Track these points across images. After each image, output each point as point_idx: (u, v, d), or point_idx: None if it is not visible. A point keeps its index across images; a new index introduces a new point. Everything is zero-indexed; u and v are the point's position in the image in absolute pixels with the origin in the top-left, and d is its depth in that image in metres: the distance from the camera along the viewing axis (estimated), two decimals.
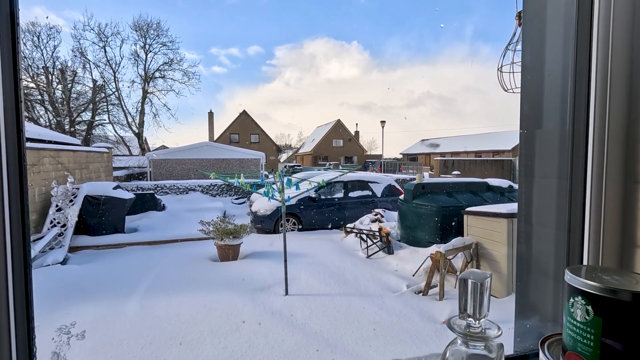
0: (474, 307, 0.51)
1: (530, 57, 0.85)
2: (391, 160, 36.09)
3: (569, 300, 0.54)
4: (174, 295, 4.79)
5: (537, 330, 0.79)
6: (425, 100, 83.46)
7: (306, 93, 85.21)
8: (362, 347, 3.65)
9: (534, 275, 0.83)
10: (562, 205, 0.74)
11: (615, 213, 0.65)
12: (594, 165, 0.67)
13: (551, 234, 0.77)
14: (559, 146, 0.75)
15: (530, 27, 0.85)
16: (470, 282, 0.51)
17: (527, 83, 0.87)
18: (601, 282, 0.51)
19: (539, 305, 0.81)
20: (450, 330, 0.51)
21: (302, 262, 6.25)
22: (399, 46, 74.24)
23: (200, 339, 3.70)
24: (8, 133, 0.46)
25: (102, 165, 12.13)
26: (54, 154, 8.82)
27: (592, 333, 0.51)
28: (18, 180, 0.47)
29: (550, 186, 0.78)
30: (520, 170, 0.87)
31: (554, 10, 0.77)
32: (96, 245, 7.56)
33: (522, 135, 0.87)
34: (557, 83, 0.76)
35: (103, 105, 26.11)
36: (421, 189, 7.20)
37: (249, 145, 36.40)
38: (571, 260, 0.72)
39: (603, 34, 0.64)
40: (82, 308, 4.40)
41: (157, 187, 13.50)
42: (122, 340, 3.66)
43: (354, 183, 10.32)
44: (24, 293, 0.46)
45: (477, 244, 5.35)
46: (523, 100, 0.88)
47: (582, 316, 0.52)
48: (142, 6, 42.19)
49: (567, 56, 0.72)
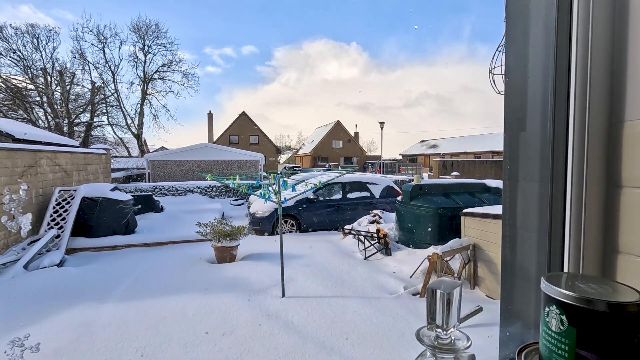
0: (442, 317, 0.49)
1: (513, 59, 0.84)
2: (390, 161, 36.08)
3: (544, 309, 0.52)
4: (171, 297, 4.77)
5: (520, 337, 0.77)
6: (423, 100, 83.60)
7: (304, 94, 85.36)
8: (359, 349, 3.63)
9: (518, 280, 0.82)
10: (544, 210, 0.72)
11: (596, 218, 0.64)
12: (574, 169, 0.65)
13: (534, 239, 0.76)
14: (540, 149, 0.74)
15: (513, 29, 0.83)
16: (439, 292, 0.49)
17: (510, 85, 0.85)
18: (576, 291, 0.49)
19: (522, 312, 0.79)
20: (419, 342, 0.49)
21: (299, 263, 6.23)
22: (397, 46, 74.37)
23: (195, 341, 3.68)
24: None
25: (100, 166, 12.11)
26: (52, 155, 8.80)
27: (567, 344, 0.49)
28: None
29: (533, 190, 0.77)
30: (505, 173, 0.86)
31: (536, 12, 0.76)
32: (93, 247, 7.54)
33: (505, 138, 0.86)
34: (539, 85, 0.74)
35: (102, 107, 26.12)
36: (419, 190, 7.18)
37: (249, 147, 36.41)
38: (552, 266, 0.70)
39: (582, 35, 0.63)
40: (78, 310, 4.38)
41: (155, 188, 13.48)
42: (117, 342, 3.64)
43: (352, 184, 10.31)
44: None
45: (474, 245, 5.34)
46: (507, 102, 0.86)
47: (557, 326, 0.50)
48: (131, 5, 42.26)
49: (548, 58, 0.71)
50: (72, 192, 8.18)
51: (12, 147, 7.40)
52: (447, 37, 70.13)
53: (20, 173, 7.40)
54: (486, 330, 3.69)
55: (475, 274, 5.32)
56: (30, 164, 7.81)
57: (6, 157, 6.99)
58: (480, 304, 4.47)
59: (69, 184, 9.51)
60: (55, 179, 8.87)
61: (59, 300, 4.70)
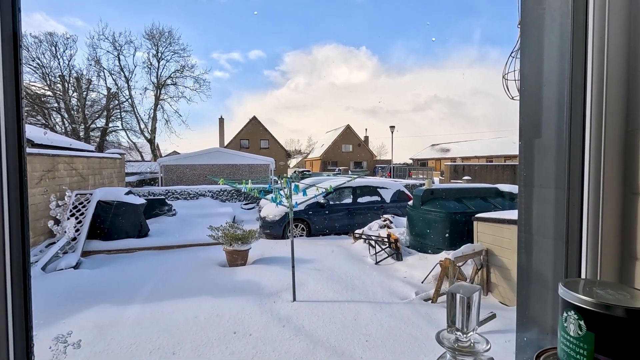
0: (462, 321, 0.51)
1: (528, 66, 0.85)
2: (401, 166, 35.88)
3: (562, 315, 0.53)
4: (183, 300, 4.83)
5: (536, 343, 0.77)
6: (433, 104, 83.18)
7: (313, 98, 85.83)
8: (370, 354, 3.61)
9: (534, 286, 0.82)
10: (561, 216, 0.73)
11: (613, 225, 0.64)
12: (591, 176, 0.66)
13: (550, 245, 0.76)
14: (556, 156, 0.75)
15: (527, 37, 0.84)
16: (459, 297, 0.51)
17: (525, 92, 0.86)
18: (594, 296, 0.50)
19: (538, 318, 0.79)
20: (439, 345, 0.51)
21: (310, 267, 6.24)
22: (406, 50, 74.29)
23: (207, 344, 3.71)
24: (9, 148, 0.48)
25: (114, 171, 12.36)
26: (69, 160, 9.03)
27: (585, 348, 0.50)
28: (18, 194, 0.49)
29: (549, 196, 0.77)
30: (520, 179, 0.86)
31: (551, 21, 0.77)
32: (108, 250, 7.68)
33: (521, 144, 0.87)
34: (554, 92, 0.75)
35: (116, 112, 26.70)
36: (430, 195, 7.14)
37: (259, 151, 36.68)
38: (569, 272, 0.71)
39: (598, 44, 0.63)
40: (93, 312, 4.47)
41: (168, 192, 13.67)
42: (131, 344, 3.70)
43: (363, 189, 10.29)
44: (23, 303, 0.47)
45: (487, 250, 5.27)
46: (522, 109, 0.87)
47: (575, 331, 0.51)
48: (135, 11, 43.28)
49: (564, 66, 0.72)
50: (88, 195, 8.37)
51: (32, 151, 7.62)
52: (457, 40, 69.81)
53: (39, 177, 7.62)
54: (500, 336, 3.63)
55: (489, 280, 5.25)
56: (49, 168, 8.03)
57: (26, 161, 7.20)
58: (493, 310, 4.40)
59: (85, 187, 9.74)
60: (72, 183, 9.10)
61: (75, 302, 4.81)
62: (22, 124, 0.49)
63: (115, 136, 27.14)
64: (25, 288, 0.48)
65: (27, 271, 0.50)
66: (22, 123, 0.49)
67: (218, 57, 62.75)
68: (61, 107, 23.99)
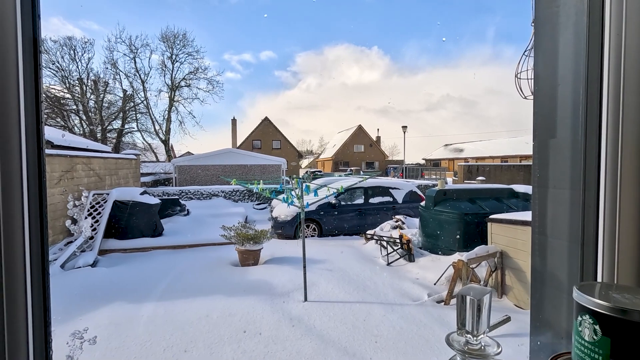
0: (472, 323, 0.50)
1: (542, 65, 0.83)
2: (413, 166, 35.56)
3: (577, 319, 0.52)
4: (196, 298, 4.90)
5: (550, 347, 0.76)
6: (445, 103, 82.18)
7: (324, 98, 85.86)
8: (381, 355, 3.59)
9: (549, 289, 0.80)
10: (576, 218, 0.71)
11: (631, 227, 0.63)
12: (607, 177, 0.64)
13: (565, 247, 0.74)
14: (571, 156, 0.73)
15: (541, 36, 0.83)
16: (469, 299, 0.50)
17: (539, 92, 0.85)
18: (610, 300, 0.49)
19: (553, 321, 0.78)
20: (449, 347, 0.50)
21: (321, 268, 6.25)
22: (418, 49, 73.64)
23: (220, 343, 3.76)
24: (29, 150, 0.50)
25: (130, 171, 12.62)
26: (86, 160, 9.26)
27: (600, 354, 0.49)
28: (38, 194, 0.51)
29: (564, 197, 0.76)
30: (534, 180, 0.85)
31: (565, 18, 0.75)
32: (124, 249, 7.84)
33: (535, 144, 0.85)
34: (569, 92, 0.74)
35: (132, 114, 27.27)
36: (443, 196, 7.05)
37: (271, 151, 36.89)
38: (585, 275, 0.69)
39: (615, 42, 0.62)
40: (109, 309, 4.57)
41: (181, 192, 13.88)
42: (145, 341, 3.77)
43: (375, 189, 10.24)
44: (42, 299, 0.49)
45: (501, 252, 5.18)
46: (536, 109, 0.86)
47: (590, 336, 0.50)
48: (149, 15, 44.13)
49: (579, 65, 0.70)
50: (105, 195, 8.57)
51: (51, 152, 7.85)
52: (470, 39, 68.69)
53: (58, 177, 7.84)
54: (514, 340, 3.57)
55: (503, 282, 5.15)
56: (67, 168, 8.25)
57: (46, 162, 7.42)
58: (508, 313, 4.31)
59: (102, 187, 9.97)
60: (90, 183, 9.33)
61: (92, 299, 4.93)
62: (41, 127, 0.51)
63: (130, 137, 27.74)
64: (44, 285, 0.50)
65: (46, 269, 0.51)
66: (42, 125, 0.51)
67: (229, 59, 63.44)
68: (79, 109, 24.65)
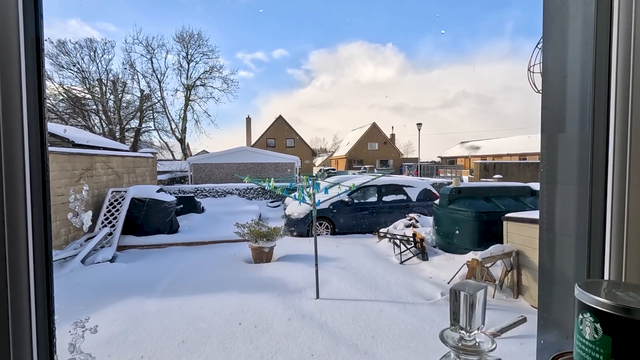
0: (466, 319, 0.49)
1: (551, 56, 0.81)
2: (428, 164, 35.12)
3: (578, 317, 0.51)
4: (210, 294, 4.98)
5: (556, 347, 0.74)
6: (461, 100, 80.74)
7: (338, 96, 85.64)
8: (394, 354, 3.58)
9: (556, 287, 0.78)
10: (583, 214, 0.69)
11: (639, 224, 0.60)
12: (615, 171, 0.62)
13: (572, 244, 0.72)
14: (579, 151, 0.71)
15: (550, 25, 0.80)
16: (463, 294, 0.49)
17: (548, 84, 0.82)
18: (612, 298, 0.47)
19: (559, 321, 0.76)
20: (443, 343, 0.49)
21: (334, 266, 6.25)
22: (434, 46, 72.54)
23: (232, 338, 3.81)
24: (32, 147, 0.52)
25: (147, 169, 12.90)
26: (105, 159, 9.52)
27: (601, 353, 0.47)
28: (41, 189, 0.53)
29: (571, 193, 0.73)
30: (542, 175, 0.83)
31: (575, 8, 0.72)
32: (141, 245, 8.03)
33: (543, 139, 0.83)
34: (577, 84, 0.71)
35: (149, 113, 27.85)
36: (457, 194, 6.94)
37: (285, 150, 37.07)
38: (592, 273, 0.67)
39: (624, 29, 0.59)
40: (126, 303, 4.70)
41: (197, 190, 14.11)
42: (160, 336, 3.86)
43: (388, 187, 10.17)
44: (45, 289, 0.51)
45: (517, 252, 5.07)
46: (544, 102, 0.83)
47: (591, 334, 0.48)
48: (162, 15, 44.90)
49: (587, 55, 0.67)
50: (123, 193, 8.79)
51: (72, 151, 8.11)
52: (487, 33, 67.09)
53: (79, 175, 8.09)
54: (530, 341, 3.49)
55: (519, 282, 5.04)
56: (87, 167, 8.50)
57: (67, 160, 7.67)
58: (524, 314, 4.22)
59: (120, 185, 10.23)
60: (108, 181, 9.59)
61: (110, 294, 5.07)
62: (44, 124, 0.52)
63: (148, 136, 28.36)
64: (47, 277, 0.52)
65: (50, 262, 0.53)
66: (45, 122, 0.53)
67: (242, 57, 64.01)
68: (99, 109, 25.34)
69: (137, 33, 31.01)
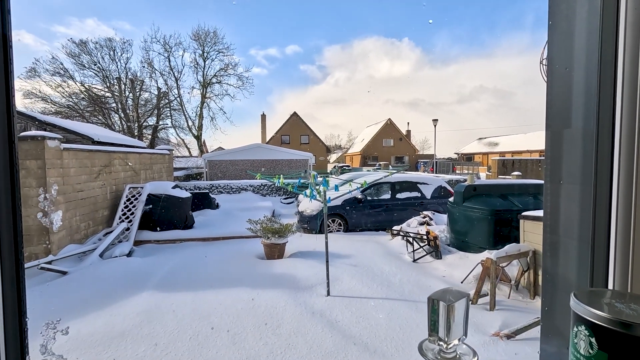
0: (444, 330, 0.46)
1: (557, 46, 0.75)
2: (444, 160, 34.51)
3: (573, 329, 0.46)
4: (222, 289, 5.03)
5: (557, 356, 0.69)
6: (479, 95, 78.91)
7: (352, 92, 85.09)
8: (404, 354, 3.53)
9: (560, 293, 0.73)
10: (586, 216, 0.63)
11: None
12: (621, 171, 0.56)
13: (575, 248, 0.67)
14: (583, 148, 0.65)
15: (555, 13, 0.75)
16: (441, 304, 0.46)
17: (554, 76, 0.77)
18: (610, 311, 0.43)
19: (563, 329, 0.71)
20: (421, 356, 0.46)
21: (345, 263, 6.22)
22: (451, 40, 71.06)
23: (243, 333, 3.84)
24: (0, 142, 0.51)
25: (164, 166, 13.14)
26: (123, 156, 9.74)
27: None
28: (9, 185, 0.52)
29: (574, 192, 0.68)
30: (546, 174, 0.77)
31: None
32: (157, 240, 8.20)
33: (547, 135, 0.78)
34: (582, 76, 0.66)
35: (166, 111, 28.36)
36: (472, 191, 6.78)
37: (299, 146, 37.12)
38: (595, 280, 0.61)
39: (632, 16, 0.54)
40: (142, 297, 4.80)
41: (212, 186, 14.29)
42: (173, 329, 3.93)
43: (402, 184, 10.03)
44: (16, 290, 0.51)
45: (534, 251, 4.91)
46: (549, 95, 0.78)
47: (586, 349, 0.44)
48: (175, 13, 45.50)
49: (593, 44, 0.62)
50: (140, 189, 8.98)
51: (92, 148, 8.33)
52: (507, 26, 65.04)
53: (98, 172, 8.30)
54: None
55: (536, 282, 4.89)
56: (106, 163, 8.72)
57: (87, 157, 7.89)
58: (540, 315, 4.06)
59: (137, 181, 10.46)
60: (126, 177, 9.82)
61: (127, 288, 5.19)
62: (12, 121, 0.52)
63: (165, 133, 28.90)
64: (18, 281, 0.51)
65: (20, 262, 0.53)
66: (13, 119, 0.52)
67: (255, 54, 64.27)
68: (118, 107, 25.97)
69: (154, 32, 31.56)
